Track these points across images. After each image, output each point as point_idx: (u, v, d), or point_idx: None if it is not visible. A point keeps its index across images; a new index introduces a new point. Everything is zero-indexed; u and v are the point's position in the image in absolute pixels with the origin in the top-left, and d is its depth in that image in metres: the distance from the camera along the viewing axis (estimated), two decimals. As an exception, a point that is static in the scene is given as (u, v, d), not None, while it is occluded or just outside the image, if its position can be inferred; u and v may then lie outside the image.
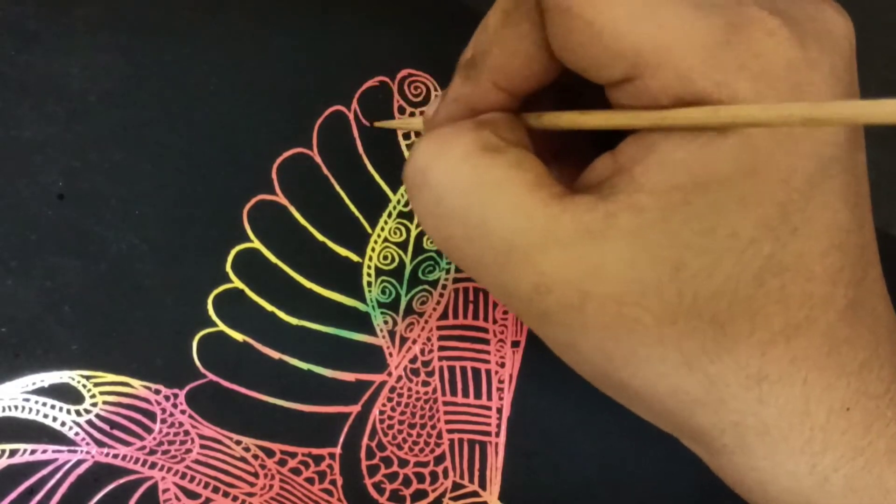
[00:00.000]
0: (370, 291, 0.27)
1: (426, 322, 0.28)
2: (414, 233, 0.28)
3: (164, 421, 0.26)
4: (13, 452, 0.25)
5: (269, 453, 0.26)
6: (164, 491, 0.25)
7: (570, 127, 0.18)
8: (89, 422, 0.25)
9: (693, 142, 0.15)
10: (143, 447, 0.26)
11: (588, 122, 0.18)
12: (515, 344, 0.28)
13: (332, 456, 0.27)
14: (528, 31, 0.17)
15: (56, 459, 0.25)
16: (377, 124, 0.28)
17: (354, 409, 0.27)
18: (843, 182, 0.16)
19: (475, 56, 0.18)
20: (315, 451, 0.26)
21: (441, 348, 0.27)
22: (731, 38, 0.15)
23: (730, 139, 0.15)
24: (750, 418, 0.17)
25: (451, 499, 0.27)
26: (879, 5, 0.29)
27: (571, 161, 0.22)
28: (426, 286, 0.28)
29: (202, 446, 0.26)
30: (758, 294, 0.16)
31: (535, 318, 0.17)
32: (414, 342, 0.27)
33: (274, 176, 0.27)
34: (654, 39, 0.15)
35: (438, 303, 0.28)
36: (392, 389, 0.27)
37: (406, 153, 0.29)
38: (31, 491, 0.25)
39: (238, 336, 0.26)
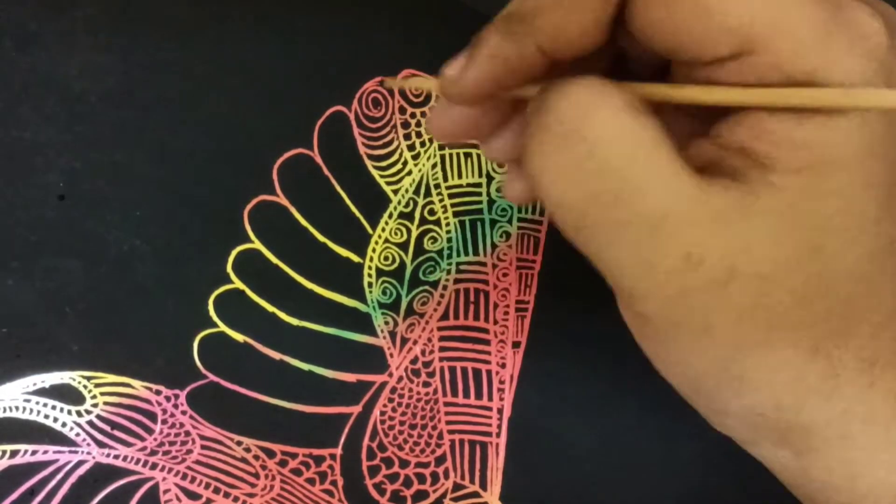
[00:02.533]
0: (371, 292, 0.27)
1: (427, 323, 0.28)
2: (415, 233, 0.28)
3: (164, 422, 0.26)
4: (14, 453, 0.25)
5: (270, 454, 0.26)
6: (165, 492, 0.25)
7: (682, 101, 0.17)
8: (90, 422, 0.25)
9: (809, 121, 0.15)
10: (144, 448, 0.26)
11: (712, 98, 0.16)
12: (516, 345, 0.28)
13: (332, 457, 0.27)
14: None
15: (57, 460, 0.25)
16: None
17: (355, 409, 0.27)
18: None
19: (523, 11, 0.16)
20: (316, 451, 0.26)
21: (442, 349, 0.27)
22: (839, 18, 0.15)
23: (849, 120, 0.15)
24: (858, 406, 0.17)
25: (451, 499, 0.27)
26: None
27: None
28: (427, 287, 0.28)
29: (203, 447, 0.26)
30: (876, 274, 0.16)
31: (670, 296, 0.16)
32: (415, 343, 0.27)
33: (275, 176, 0.27)
34: (767, 15, 0.15)
35: (439, 303, 0.28)
36: (393, 390, 0.27)
37: (407, 153, 0.28)
38: (32, 492, 0.25)
39: (239, 337, 0.26)
